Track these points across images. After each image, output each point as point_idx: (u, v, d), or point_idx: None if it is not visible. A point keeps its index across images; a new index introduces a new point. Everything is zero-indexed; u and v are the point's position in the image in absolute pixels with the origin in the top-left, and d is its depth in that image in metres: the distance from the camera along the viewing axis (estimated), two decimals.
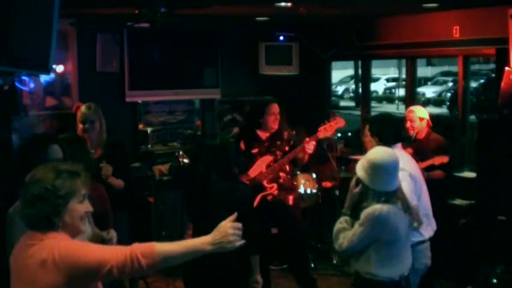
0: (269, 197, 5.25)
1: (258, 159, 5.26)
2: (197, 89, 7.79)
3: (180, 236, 6.62)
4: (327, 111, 7.57)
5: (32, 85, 6.66)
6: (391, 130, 4.17)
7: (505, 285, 5.03)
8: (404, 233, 3.52)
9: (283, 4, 5.44)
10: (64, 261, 2.33)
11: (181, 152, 6.95)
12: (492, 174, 5.29)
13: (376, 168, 3.45)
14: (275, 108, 5.36)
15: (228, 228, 2.48)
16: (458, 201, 5.79)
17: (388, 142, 4.03)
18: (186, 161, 6.79)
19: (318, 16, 6.98)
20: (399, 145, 4.17)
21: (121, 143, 5.21)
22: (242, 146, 5.34)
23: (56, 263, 2.32)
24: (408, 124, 5.82)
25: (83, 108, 4.86)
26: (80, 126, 4.81)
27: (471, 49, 6.09)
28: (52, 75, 6.38)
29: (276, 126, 5.32)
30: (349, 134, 9.26)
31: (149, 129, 7.67)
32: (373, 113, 8.32)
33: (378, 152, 3.56)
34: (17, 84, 5.75)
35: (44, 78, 6.48)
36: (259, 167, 5.24)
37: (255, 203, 5.30)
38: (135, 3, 5.54)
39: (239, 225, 2.51)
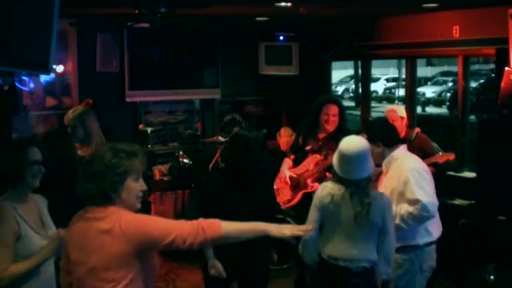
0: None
1: (309, 156, 5.21)
2: (197, 89, 7.79)
3: None
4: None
5: (32, 85, 6.66)
6: (392, 132, 4.15)
7: (500, 283, 5.03)
8: (349, 217, 3.50)
9: (283, 4, 5.44)
10: (130, 231, 2.52)
11: (181, 152, 6.96)
12: (492, 174, 5.28)
13: (341, 156, 3.53)
14: (330, 108, 5.13)
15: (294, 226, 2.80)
16: (458, 201, 5.79)
17: (391, 144, 4.02)
18: (186, 161, 6.79)
19: (318, 16, 6.98)
20: (403, 146, 4.12)
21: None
22: (300, 141, 5.30)
23: (123, 232, 2.52)
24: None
25: (69, 111, 4.81)
26: (68, 129, 4.76)
27: (471, 49, 6.09)
28: (52, 75, 6.38)
29: (330, 128, 5.12)
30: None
31: (149, 129, 7.67)
32: (373, 113, 8.33)
33: (347, 142, 3.59)
34: (17, 84, 5.75)
35: (44, 78, 6.48)
36: (307, 165, 5.20)
37: (296, 200, 5.31)
38: (135, 3, 5.55)
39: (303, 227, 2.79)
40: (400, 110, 5.92)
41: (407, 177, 3.84)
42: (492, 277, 5.08)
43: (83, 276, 2.59)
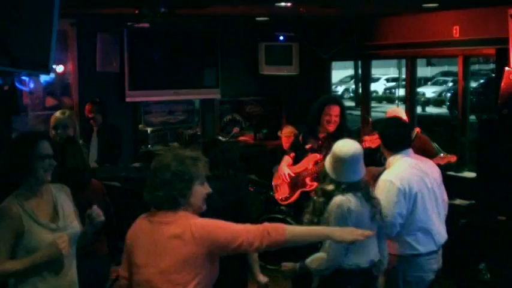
0: (313, 194, 5.19)
1: (309, 155, 5.21)
2: (197, 89, 7.79)
3: None
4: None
5: (32, 85, 6.66)
6: (396, 137, 4.03)
7: (499, 283, 5.03)
8: (367, 220, 3.49)
9: (283, 4, 5.44)
10: (201, 236, 2.64)
11: None
12: (492, 174, 5.29)
13: (336, 160, 3.50)
14: (332, 109, 5.09)
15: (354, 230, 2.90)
16: (458, 201, 5.79)
17: (393, 149, 3.97)
18: None
19: (318, 16, 6.99)
20: (408, 150, 4.02)
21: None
22: (300, 139, 5.29)
23: (194, 237, 2.63)
24: None
25: (57, 113, 4.76)
26: (52, 132, 4.66)
27: (471, 49, 6.09)
28: (52, 75, 6.38)
29: (331, 128, 5.09)
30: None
31: (149, 129, 7.66)
32: (373, 113, 8.33)
33: (340, 144, 3.58)
34: (17, 84, 5.75)
35: (44, 78, 6.48)
36: (306, 163, 5.19)
37: (294, 198, 5.30)
38: (135, 3, 5.55)
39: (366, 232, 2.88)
40: (402, 112, 5.91)
41: (377, 188, 3.82)
42: (492, 277, 5.08)
43: (151, 278, 2.68)
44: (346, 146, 3.54)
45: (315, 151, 5.18)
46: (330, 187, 3.53)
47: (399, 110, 6.00)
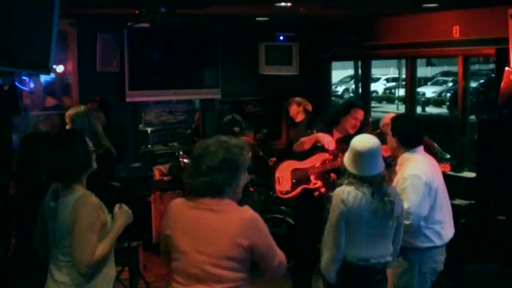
0: (316, 193, 5.17)
1: (318, 153, 5.18)
2: (197, 89, 7.79)
3: None
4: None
5: (32, 85, 6.66)
6: (412, 134, 4.09)
7: (500, 283, 5.03)
8: (370, 215, 3.49)
9: (283, 4, 5.44)
10: (250, 231, 2.67)
11: (181, 152, 6.96)
12: (492, 174, 5.29)
13: (354, 153, 3.53)
14: (358, 113, 5.08)
15: None
16: (458, 201, 5.79)
17: (407, 145, 4.00)
18: (186, 161, 6.79)
19: (318, 16, 6.99)
20: (419, 148, 4.08)
21: (110, 150, 5.21)
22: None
23: (242, 228, 2.66)
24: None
25: (71, 109, 4.87)
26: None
27: (471, 49, 6.09)
28: (52, 75, 6.38)
29: (352, 131, 5.04)
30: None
31: (149, 129, 7.67)
32: (373, 113, 8.33)
33: (359, 138, 3.61)
34: (17, 84, 5.75)
35: (44, 78, 6.48)
36: (314, 161, 5.17)
37: (295, 193, 5.28)
38: (135, 3, 5.55)
39: None
40: None
41: (401, 183, 3.88)
42: (491, 277, 5.08)
43: (201, 264, 2.68)
44: (364, 140, 3.56)
45: (325, 150, 5.15)
46: (345, 181, 3.57)
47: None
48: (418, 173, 3.90)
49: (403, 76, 15.40)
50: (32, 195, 3.50)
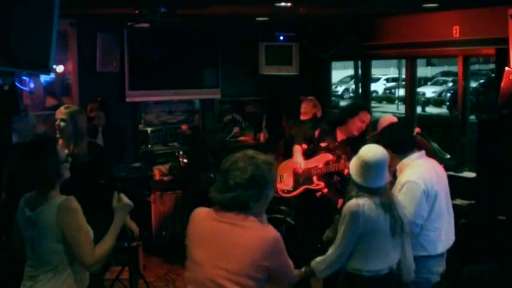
0: (318, 193, 5.16)
1: (322, 153, 5.17)
2: (197, 89, 7.78)
3: (180, 236, 6.64)
4: (328, 110, 7.50)
5: (32, 85, 6.66)
6: (402, 140, 4.06)
7: (499, 283, 5.03)
8: (384, 227, 3.49)
9: (283, 4, 5.44)
10: (272, 254, 2.68)
11: (181, 152, 6.96)
12: (492, 174, 5.28)
13: (362, 164, 3.51)
14: (366, 116, 5.12)
15: None
16: (458, 201, 5.79)
17: (402, 152, 3.97)
18: (186, 161, 6.80)
19: (318, 16, 6.98)
20: (419, 153, 4.03)
21: (102, 148, 5.19)
22: (316, 133, 5.25)
23: (264, 248, 2.65)
24: None
25: (62, 107, 4.82)
26: (56, 122, 4.74)
27: (471, 49, 6.08)
28: (52, 75, 6.38)
29: (357, 133, 5.09)
30: None
31: (149, 129, 7.67)
32: (373, 113, 8.31)
33: (367, 149, 3.59)
34: (17, 84, 5.75)
35: (44, 78, 6.48)
36: (317, 161, 5.16)
37: (296, 193, 5.26)
38: (135, 3, 5.55)
39: None
40: (394, 120, 5.87)
41: (400, 190, 3.85)
42: (491, 277, 5.08)
43: (216, 278, 2.66)
44: (372, 151, 3.55)
45: (329, 151, 5.13)
46: (353, 193, 3.55)
47: (391, 119, 5.96)
48: (416, 179, 3.85)
49: (403, 76, 15.39)
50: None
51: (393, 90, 26.92)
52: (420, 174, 3.90)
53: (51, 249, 3.01)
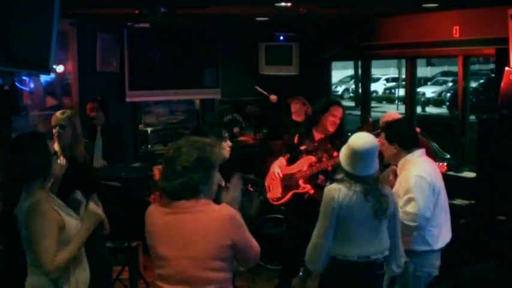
0: (306, 196, 5.19)
1: (304, 156, 5.21)
2: (197, 89, 7.79)
3: None
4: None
5: (32, 85, 6.66)
6: (410, 135, 4.07)
7: (499, 283, 5.03)
8: (360, 214, 3.48)
9: (283, 4, 5.44)
10: (232, 230, 2.68)
11: None
12: (492, 174, 5.29)
13: (351, 152, 3.51)
14: (337, 111, 5.13)
15: None
16: (458, 201, 5.79)
17: (408, 147, 3.97)
18: None
19: (318, 16, 6.98)
20: (421, 151, 4.04)
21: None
22: (296, 139, 5.28)
23: (224, 228, 2.67)
24: None
25: (58, 112, 4.81)
26: (54, 130, 4.69)
27: (471, 49, 6.09)
28: (52, 75, 6.39)
29: (331, 129, 5.13)
30: (349, 134, 9.26)
31: (149, 129, 7.67)
32: (373, 113, 8.32)
33: (357, 136, 3.59)
34: (17, 84, 5.75)
35: (44, 78, 6.48)
36: (300, 165, 5.19)
37: (286, 199, 5.30)
38: (135, 3, 5.55)
39: None
40: (398, 116, 5.89)
41: (406, 184, 3.85)
42: (492, 277, 5.08)
43: (185, 268, 2.66)
44: (362, 139, 3.54)
45: (310, 153, 5.20)
46: (339, 177, 3.57)
47: (396, 115, 5.98)
48: (423, 174, 3.88)
49: (403, 76, 15.41)
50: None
51: (393, 90, 26.91)
52: (427, 170, 3.94)
53: (26, 246, 3.00)
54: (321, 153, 5.15)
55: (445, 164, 4.58)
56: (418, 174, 3.87)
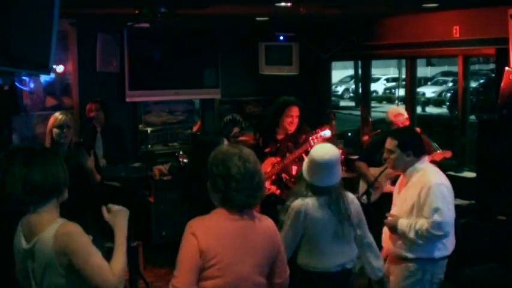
0: (273, 197, 5.21)
1: (267, 159, 5.24)
2: (197, 89, 7.79)
3: (180, 236, 6.63)
4: (326, 111, 7.55)
5: (32, 85, 6.65)
6: (422, 142, 4.08)
7: (500, 283, 5.03)
8: (328, 227, 3.51)
9: (283, 4, 5.44)
10: (277, 236, 2.90)
11: (181, 152, 6.96)
12: (492, 174, 5.29)
13: (312, 163, 3.55)
14: (293, 110, 5.24)
15: None
16: (458, 201, 5.78)
17: (420, 155, 3.96)
18: (186, 161, 6.79)
19: (318, 16, 6.98)
20: (426, 158, 4.04)
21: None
22: (260, 142, 5.35)
23: (274, 235, 2.86)
24: None
25: (60, 115, 4.82)
26: (56, 131, 4.70)
27: (471, 49, 6.09)
28: (52, 75, 6.38)
29: (291, 129, 5.23)
30: (349, 134, 9.28)
31: (149, 129, 7.67)
32: (373, 113, 8.31)
33: (317, 149, 3.64)
34: (17, 84, 5.75)
35: (44, 78, 6.47)
36: (265, 168, 5.20)
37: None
38: (135, 3, 5.55)
39: None
40: (403, 110, 5.94)
41: (428, 193, 3.78)
42: (492, 277, 5.08)
43: (245, 275, 2.73)
44: (323, 150, 3.59)
45: (273, 154, 5.24)
46: (302, 189, 3.60)
47: (400, 109, 6.02)
48: (442, 181, 3.86)
49: (403, 76, 15.41)
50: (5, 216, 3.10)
51: (393, 90, 26.91)
52: (442, 176, 3.94)
53: (56, 284, 2.65)
54: (284, 153, 5.22)
55: (448, 150, 4.57)
56: (437, 182, 3.83)
